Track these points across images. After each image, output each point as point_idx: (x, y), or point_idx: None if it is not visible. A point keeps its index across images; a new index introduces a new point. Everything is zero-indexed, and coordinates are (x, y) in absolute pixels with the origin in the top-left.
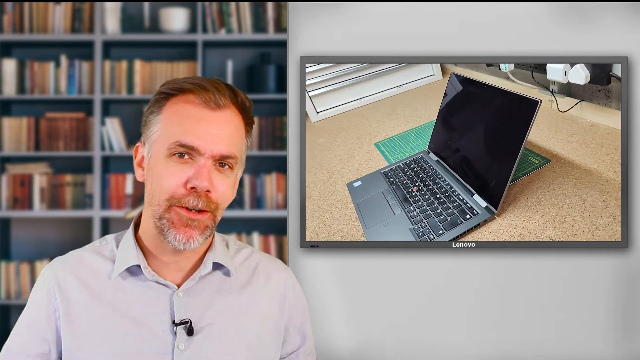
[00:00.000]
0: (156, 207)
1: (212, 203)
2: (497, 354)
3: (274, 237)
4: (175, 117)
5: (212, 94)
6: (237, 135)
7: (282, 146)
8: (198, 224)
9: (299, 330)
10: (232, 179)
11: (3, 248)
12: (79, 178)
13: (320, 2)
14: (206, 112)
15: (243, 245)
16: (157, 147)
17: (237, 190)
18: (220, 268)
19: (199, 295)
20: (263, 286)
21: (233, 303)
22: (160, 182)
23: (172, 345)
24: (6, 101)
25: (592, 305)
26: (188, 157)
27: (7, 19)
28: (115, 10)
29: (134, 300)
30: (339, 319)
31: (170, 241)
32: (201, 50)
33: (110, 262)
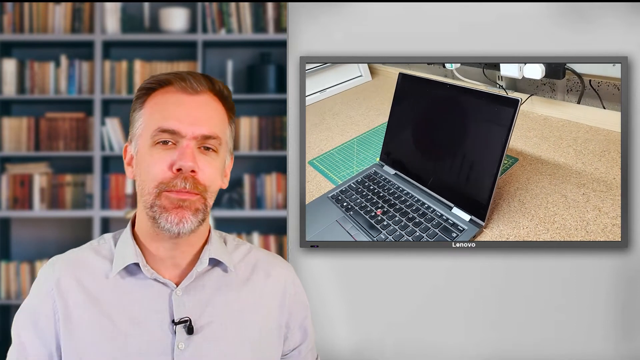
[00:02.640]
0: (147, 196)
1: (199, 184)
2: (496, 354)
3: (274, 237)
4: (155, 107)
5: (189, 81)
6: (218, 118)
7: (282, 146)
8: (189, 204)
9: (300, 326)
10: (219, 163)
11: (3, 248)
12: (79, 178)
13: (320, 2)
14: (184, 97)
15: (242, 242)
16: (142, 141)
17: (237, 190)
18: (218, 265)
19: (198, 293)
20: (263, 282)
21: (233, 300)
22: (148, 170)
23: (171, 345)
24: (6, 101)
25: (592, 305)
26: (172, 143)
27: (7, 19)
28: (115, 10)
29: (133, 299)
30: (339, 319)
31: (164, 225)
32: (201, 50)
33: (108, 262)
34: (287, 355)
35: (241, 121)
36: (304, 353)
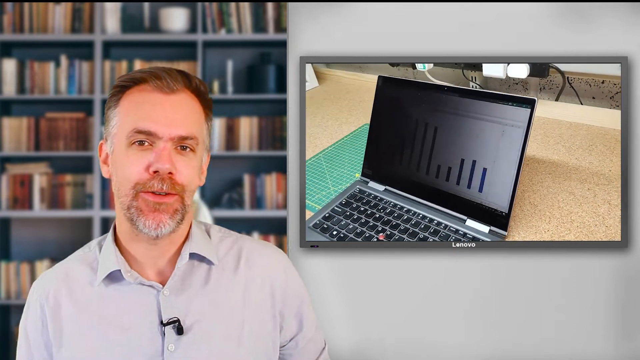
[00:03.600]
0: (124, 197)
1: (177, 185)
2: (496, 354)
3: (274, 237)
4: (131, 106)
5: (164, 79)
6: (195, 117)
7: (282, 146)
8: (166, 207)
9: (296, 315)
10: (196, 162)
11: (3, 248)
12: (79, 178)
13: (320, 2)
14: (160, 97)
15: (228, 234)
16: (117, 140)
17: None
18: (203, 260)
19: (185, 291)
20: (251, 273)
21: (222, 297)
22: (124, 171)
23: (161, 347)
24: (6, 101)
25: (592, 305)
26: (148, 144)
27: (7, 19)
28: (115, 10)
29: (120, 306)
30: (339, 319)
31: (142, 229)
32: (201, 50)
33: (93, 271)
34: (285, 347)
35: (241, 121)
36: (301, 344)
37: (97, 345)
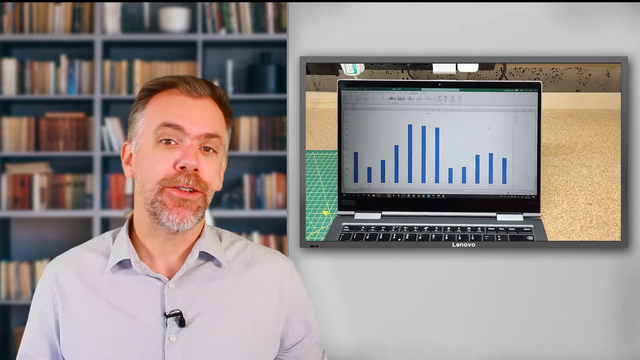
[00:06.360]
0: (148, 193)
1: (201, 182)
2: (497, 354)
3: (274, 237)
4: (159, 107)
5: (192, 84)
6: (219, 120)
7: (282, 146)
8: (190, 204)
9: (302, 320)
10: (218, 164)
11: (3, 248)
12: (79, 178)
13: (320, 2)
14: (188, 99)
15: (238, 238)
16: (144, 139)
17: (237, 190)
18: (212, 260)
19: (190, 286)
20: (258, 278)
21: (226, 294)
22: (151, 168)
23: (163, 337)
24: (6, 101)
25: (592, 306)
26: (174, 143)
27: (7, 19)
28: (115, 10)
29: (127, 293)
30: (339, 319)
31: (164, 223)
32: (201, 50)
33: (105, 258)
34: (291, 349)
35: (241, 121)
36: (307, 346)
37: (103, 329)
